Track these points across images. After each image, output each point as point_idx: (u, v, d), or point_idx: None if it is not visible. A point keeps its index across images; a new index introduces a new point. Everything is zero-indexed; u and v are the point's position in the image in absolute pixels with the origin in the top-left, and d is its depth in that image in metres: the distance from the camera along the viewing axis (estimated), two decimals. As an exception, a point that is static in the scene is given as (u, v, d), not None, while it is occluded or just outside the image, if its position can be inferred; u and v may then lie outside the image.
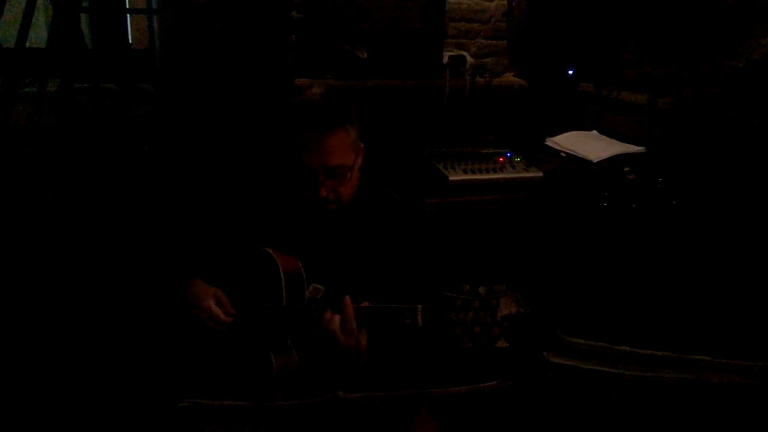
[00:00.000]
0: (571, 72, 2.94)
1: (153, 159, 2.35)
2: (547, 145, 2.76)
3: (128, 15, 2.93)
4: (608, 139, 2.74)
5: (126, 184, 2.29)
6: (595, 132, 2.83)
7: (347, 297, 1.41)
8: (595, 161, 2.53)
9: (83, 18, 2.65)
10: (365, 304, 1.44)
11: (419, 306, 1.35)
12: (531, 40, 3.00)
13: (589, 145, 2.65)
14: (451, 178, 2.46)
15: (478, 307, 1.26)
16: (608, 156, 2.54)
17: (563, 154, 2.67)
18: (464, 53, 2.96)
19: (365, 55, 2.74)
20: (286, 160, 1.54)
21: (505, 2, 3.08)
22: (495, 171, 2.57)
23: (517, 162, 2.64)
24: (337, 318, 1.39)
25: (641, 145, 2.60)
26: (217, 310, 1.49)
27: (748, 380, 0.94)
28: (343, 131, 1.53)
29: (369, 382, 1.29)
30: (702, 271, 2.13)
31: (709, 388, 0.92)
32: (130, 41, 2.93)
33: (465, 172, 2.52)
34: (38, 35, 2.51)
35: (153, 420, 1.38)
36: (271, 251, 1.54)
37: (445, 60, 2.87)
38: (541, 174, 2.56)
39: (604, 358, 0.93)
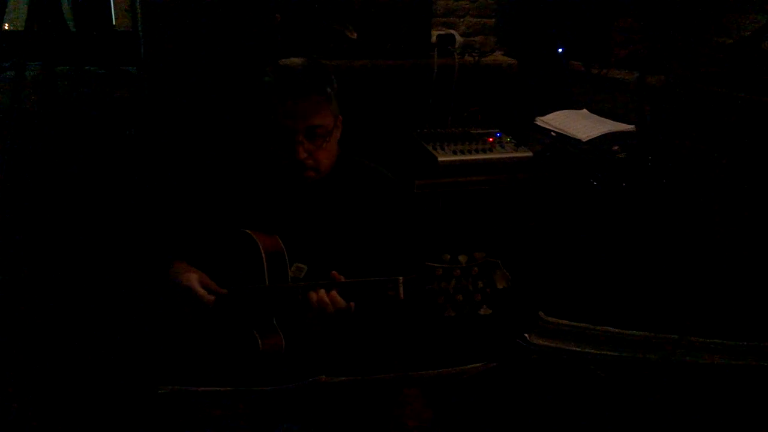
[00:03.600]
0: (560, 50, 2.91)
1: (137, 143, 2.31)
2: (537, 125, 2.75)
3: (111, -5, 2.87)
4: (598, 117, 2.72)
5: (109, 169, 2.26)
6: (584, 111, 2.81)
7: (335, 272, 1.42)
8: (585, 140, 2.51)
9: (64, -2, 2.60)
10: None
11: (400, 278, 1.35)
12: (520, 18, 2.97)
13: (579, 124, 2.63)
14: (441, 158, 2.45)
15: (460, 275, 1.26)
16: (598, 135, 2.53)
17: (553, 134, 2.65)
18: (453, 32, 2.93)
19: (355, 35, 2.71)
20: (265, 126, 1.56)
21: (494, -21, 3.05)
22: (485, 151, 2.55)
23: (507, 142, 2.62)
24: (323, 294, 1.40)
25: (631, 124, 2.58)
26: (201, 291, 1.48)
27: (735, 360, 0.93)
28: (322, 97, 1.57)
29: (354, 362, 1.29)
30: (692, 250, 2.13)
31: (695, 368, 0.92)
32: (114, 22, 2.87)
33: (454, 152, 2.51)
34: (20, 17, 2.46)
35: (134, 407, 1.37)
36: (251, 232, 1.53)
37: (434, 39, 2.84)
38: (530, 154, 2.55)
39: (588, 338, 0.92)
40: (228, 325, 1.48)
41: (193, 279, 1.49)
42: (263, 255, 1.49)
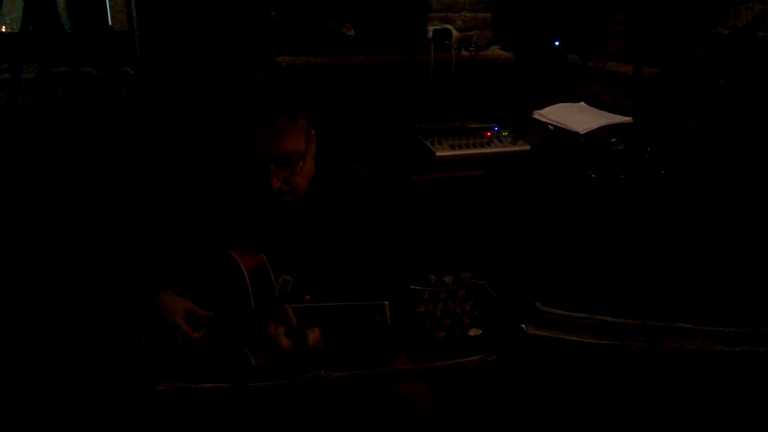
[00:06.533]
0: (557, 43, 2.91)
1: (130, 144, 2.31)
2: (535, 118, 2.74)
3: (106, -4, 2.87)
4: (595, 110, 2.72)
5: (105, 170, 2.25)
6: (582, 103, 2.81)
7: (287, 307, 1.39)
8: (583, 133, 2.51)
9: (60, -1, 2.60)
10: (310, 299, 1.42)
11: (386, 303, 1.33)
12: (516, 12, 2.96)
13: (577, 117, 2.63)
14: (439, 153, 2.44)
15: (446, 298, 1.24)
16: (596, 127, 2.52)
17: (551, 127, 2.65)
18: (449, 27, 2.92)
19: (352, 32, 2.71)
20: (234, 154, 1.48)
21: (489, -27, 3.04)
22: (482, 146, 2.54)
23: (505, 136, 2.62)
24: (281, 329, 1.38)
25: (629, 116, 2.58)
26: (186, 328, 1.44)
27: (730, 347, 0.93)
28: (288, 118, 1.47)
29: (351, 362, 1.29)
30: (690, 242, 2.13)
31: (691, 355, 0.92)
32: (110, 23, 2.87)
33: (452, 147, 2.50)
34: (16, 18, 2.46)
35: (132, 404, 1.37)
36: (232, 253, 1.50)
37: (430, 34, 2.83)
38: (528, 147, 2.55)
39: (584, 328, 0.92)
40: (218, 344, 1.46)
41: (178, 313, 1.45)
42: (246, 274, 1.47)
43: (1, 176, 2.10)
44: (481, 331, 1.23)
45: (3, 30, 2.58)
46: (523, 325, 0.93)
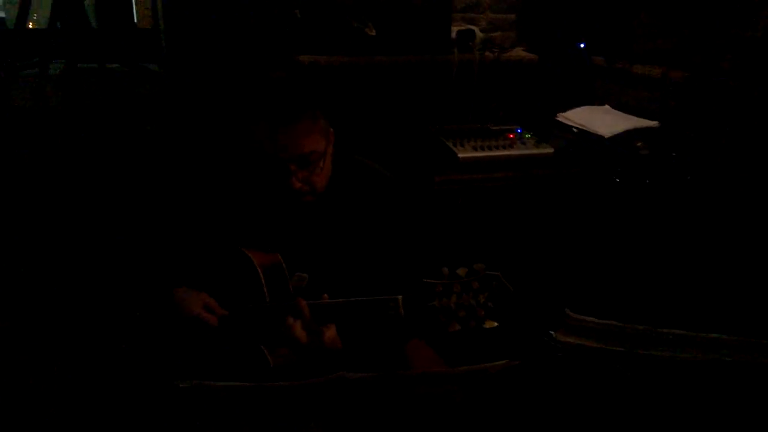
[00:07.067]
0: (582, 45, 2.88)
1: (155, 140, 2.32)
2: (559, 121, 2.72)
3: (132, -7, 2.89)
4: (620, 113, 2.68)
5: (130, 166, 2.27)
6: (607, 106, 2.78)
7: (301, 299, 1.39)
8: (608, 136, 2.48)
9: (87, -4, 2.63)
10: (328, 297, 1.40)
11: (399, 297, 1.32)
12: (541, 13, 2.94)
13: (601, 120, 2.60)
14: (461, 155, 2.43)
15: (460, 290, 1.22)
16: (621, 131, 2.49)
17: (575, 130, 2.62)
18: (473, 27, 2.90)
19: (374, 32, 2.70)
20: (253, 155, 1.47)
21: (514, -26, 3.02)
22: (505, 148, 2.52)
23: (528, 138, 2.60)
24: (297, 323, 1.37)
25: (654, 120, 2.55)
26: (207, 316, 1.44)
27: (765, 359, 0.91)
28: (308, 118, 1.46)
29: (371, 363, 1.28)
30: (718, 248, 2.09)
31: (724, 366, 0.90)
32: (135, 20, 2.90)
33: (474, 149, 2.49)
34: (44, 15, 2.49)
35: (153, 402, 1.37)
36: (246, 250, 1.49)
37: (453, 35, 2.82)
38: (552, 150, 2.52)
39: (614, 336, 0.90)
40: (235, 342, 1.46)
41: (197, 304, 1.45)
42: (260, 270, 1.47)
43: (28, 169, 2.12)
44: (496, 324, 1.21)
45: (30, 26, 2.61)
46: (553, 332, 0.92)
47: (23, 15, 2.20)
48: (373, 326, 1.42)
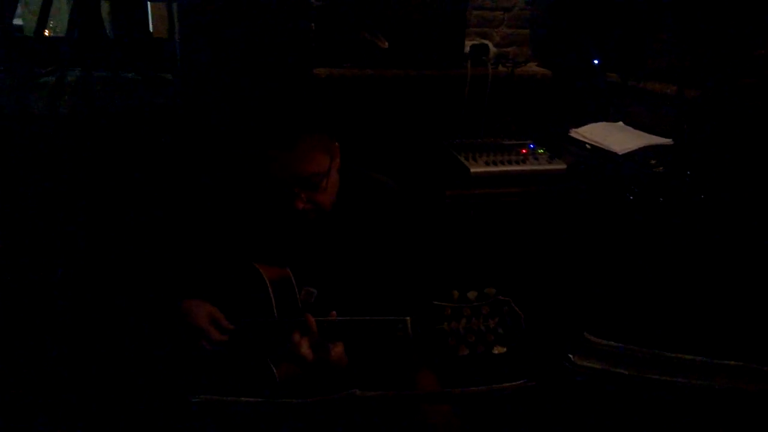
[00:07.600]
0: (596, 62, 2.87)
1: (170, 151, 2.32)
2: (572, 137, 2.71)
3: (149, 3, 2.91)
4: (634, 130, 2.67)
5: (141, 176, 2.27)
6: (620, 123, 2.77)
7: (309, 315, 1.38)
8: (621, 153, 2.47)
9: (103, 6, 2.65)
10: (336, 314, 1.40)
11: (407, 318, 1.31)
12: (555, 28, 2.94)
13: (615, 137, 2.59)
14: (473, 169, 2.42)
15: (470, 314, 1.21)
16: (634, 148, 2.48)
17: (588, 146, 2.61)
18: (487, 42, 2.91)
19: (386, 45, 2.70)
20: (257, 174, 1.46)
21: (529, -10, 3.03)
22: (517, 163, 2.52)
23: (540, 154, 2.59)
24: (303, 339, 1.37)
25: (669, 137, 2.53)
26: (213, 331, 1.44)
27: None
28: (309, 140, 1.43)
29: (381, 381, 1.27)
30: (732, 268, 2.06)
31: (742, 395, 0.88)
32: (151, 30, 2.92)
33: (487, 163, 2.48)
34: (63, 24, 2.51)
35: (164, 416, 1.36)
36: (256, 264, 1.49)
37: (467, 49, 2.82)
38: (564, 166, 2.51)
39: (632, 360, 0.89)
40: (242, 356, 1.46)
41: (204, 318, 1.45)
42: (269, 285, 1.47)
43: (43, 177, 2.13)
44: (505, 349, 1.20)
45: (47, 34, 2.63)
46: (572, 356, 0.90)
47: (42, 22, 2.22)
48: (381, 346, 1.41)
